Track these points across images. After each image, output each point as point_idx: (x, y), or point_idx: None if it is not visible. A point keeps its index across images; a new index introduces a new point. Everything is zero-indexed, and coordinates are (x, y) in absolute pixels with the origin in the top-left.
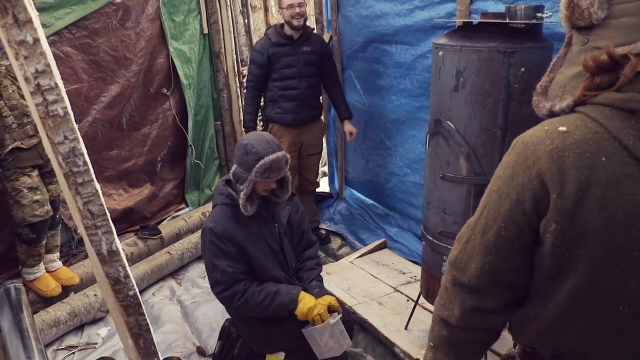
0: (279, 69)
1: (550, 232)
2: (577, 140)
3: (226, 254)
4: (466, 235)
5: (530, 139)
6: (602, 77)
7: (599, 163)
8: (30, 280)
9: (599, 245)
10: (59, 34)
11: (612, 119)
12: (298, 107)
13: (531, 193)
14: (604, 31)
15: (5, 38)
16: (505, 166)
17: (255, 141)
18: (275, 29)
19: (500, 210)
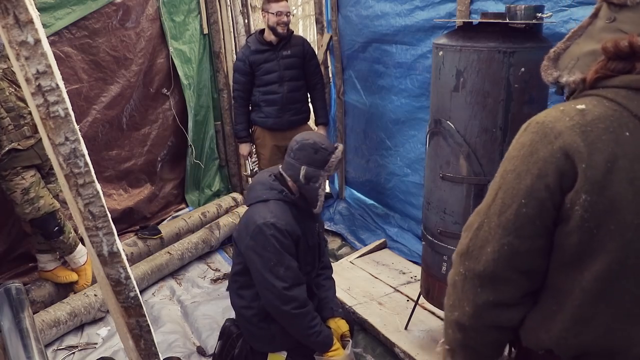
0: (261, 75)
1: (580, 205)
2: (597, 116)
3: (288, 249)
4: (477, 222)
5: (546, 118)
6: (617, 63)
7: (623, 138)
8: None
9: (629, 220)
10: (59, 34)
11: (629, 99)
12: (279, 111)
13: (554, 167)
14: (635, 15)
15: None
16: (520, 146)
17: (318, 139)
18: (255, 35)
19: (519, 188)
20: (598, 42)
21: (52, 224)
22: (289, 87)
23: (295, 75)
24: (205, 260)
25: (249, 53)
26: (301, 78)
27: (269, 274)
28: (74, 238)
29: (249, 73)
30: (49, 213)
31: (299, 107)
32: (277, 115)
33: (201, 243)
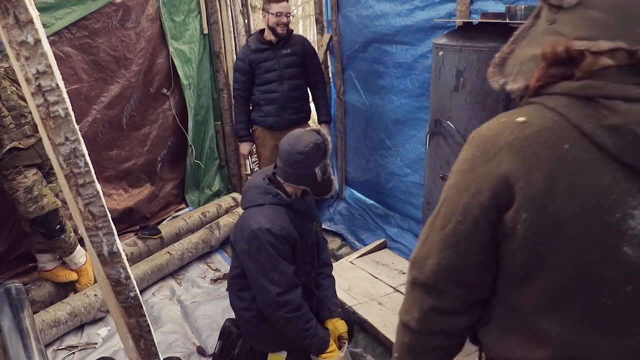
0: (261, 74)
1: (521, 223)
2: (537, 129)
3: (284, 254)
4: (425, 233)
5: (488, 131)
6: (558, 69)
7: (562, 151)
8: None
9: (574, 235)
10: (59, 34)
11: (570, 108)
12: (279, 110)
13: (489, 185)
14: (571, 17)
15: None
16: (462, 160)
17: (309, 138)
18: (255, 35)
19: (458, 204)
20: (540, 46)
21: (54, 222)
22: (289, 85)
23: (295, 73)
24: (205, 260)
25: (248, 52)
26: (301, 77)
27: (263, 279)
28: (74, 238)
29: (249, 72)
30: (52, 211)
31: (299, 106)
32: (277, 114)
33: (201, 243)
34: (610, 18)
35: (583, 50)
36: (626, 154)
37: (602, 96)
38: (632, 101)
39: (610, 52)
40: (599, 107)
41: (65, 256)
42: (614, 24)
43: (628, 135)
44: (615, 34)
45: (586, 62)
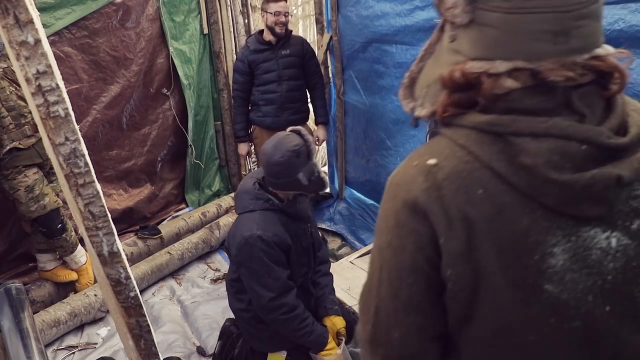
0: (260, 74)
1: (447, 278)
2: (449, 173)
3: (276, 260)
4: (373, 305)
5: (402, 178)
6: (460, 95)
7: (476, 197)
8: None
9: (497, 282)
10: (59, 34)
11: (480, 144)
12: (277, 110)
13: (427, 238)
14: (468, 36)
15: (6, 39)
16: (386, 216)
17: (285, 144)
18: (255, 36)
19: (401, 267)
20: (444, 66)
21: (56, 221)
22: (288, 86)
23: (294, 74)
24: (205, 260)
25: (248, 53)
26: (300, 77)
27: (257, 285)
28: (75, 237)
29: (248, 73)
30: (54, 210)
31: (297, 107)
32: (276, 114)
33: (201, 243)
34: (505, 36)
35: (480, 74)
36: (540, 195)
37: (511, 133)
38: (540, 137)
39: (514, 73)
40: (509, 143)
41: (66, 255)
42: (510, 41)
43: (539, 177)
44: (512, 52)
45: (485, 87)
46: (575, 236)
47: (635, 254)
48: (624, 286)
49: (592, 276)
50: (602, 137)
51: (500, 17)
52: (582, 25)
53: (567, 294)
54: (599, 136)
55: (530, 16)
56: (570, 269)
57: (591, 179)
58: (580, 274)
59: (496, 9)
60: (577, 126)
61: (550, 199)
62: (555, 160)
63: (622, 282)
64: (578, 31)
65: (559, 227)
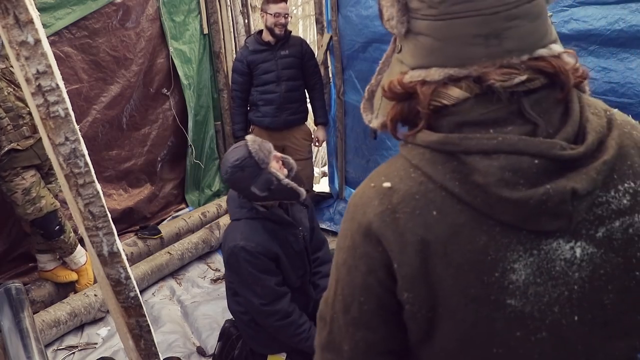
0: (259, 75)
1: (405, 300)
2: (403, 196)
3: (263, 270)
4: (329, 315)
5: (360, 199)
6: (403, 105)
7: (431, 218)
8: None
9: (456, 301)
10: (59, 34)
11: (433, 164)
12: (276, 111)
13: (379, 261)
14: (408, 45)
15: (6, 39)
16: (344, 235)
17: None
18: (254, 36)
19: (354, 285)
20: (395, 77)
21: (53, 223)
22: (287, 86)
23: (292, 75)
24: (205, 260)
25: (247, 53)
26: (299, 78)
27: (247, 292)
28: (74, 238)
29: (247, 73)
30: (50, 212)
31: (296, 107)
32: (274, 114)
33: (201, 243)
34: (437, 43)
35: (416, 84)
36: (496, 213)
37: (461, 152)
38: (491, 154)
39: (460, 82)
40: (461, 161)
41: (66, 256)
42: (442, 48)
43: (492, 196)
44: (446, 58)
45: (420, 97)
46: (537, 250)
47: (601, 261)
48: (592, 294)
49: (558, 287)
50: (554, 149)
51: (431, 24)
52: (515, 26)
53: (531, 307)
54: (551, 149)
55: (458, 21)
56: (534, 282)
57: (544, 195)
58: (545, 287)
59: (425, 17)
60: (527, 140)
61: (506, 216)
62: (507, 177)
63: (589, 290)
64: (510, 32)
65: (519, 242)
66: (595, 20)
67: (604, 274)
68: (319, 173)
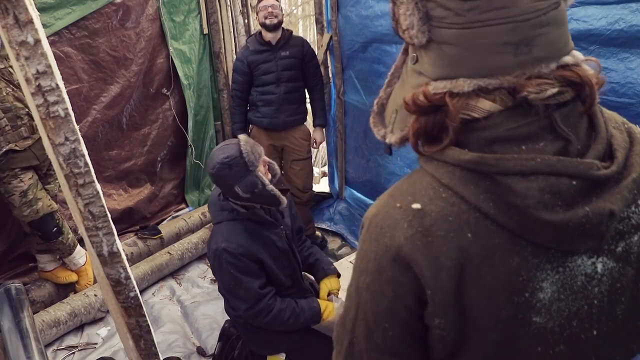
0: (259, 75)
1: (435, 325)
2: (436, 219)
3: (245, 272)
4: (347, 339)
5: (385, 221)
6: (427, 118)
7: (465, 241)
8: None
9: (486, 323)
10: (59, 34)
11: (465, 184)
12: (275, 111)
13: (409, 288)
14: (429, 55)
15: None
16: (366, 257)
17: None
18: (255, 36)
19: (379, 311)
20: (409, 90)
21: (50, 225)
22: (286, 88)
23: (292, 76)
24: (205, 260)
25: (247, 53)
26: (299, 79)
27: (231, 296)
28: (73, 239)
29: (247, 73)
30: (47, 214)
31: (295, 108)
32: (273, 115)
33: (201, 243)
34: (464, 52)
35: (443, 95)
36: (531, 234)
37: (497, 173)
38: (528, 175)
39: (491, 95)
40: (495, 182)
41: (65, 257)
42: (470, 57)
43: (530, 218)
44: (474, 68)
45: (451, 109)
46: (562, 267)
47: (619, 275)
48: (609, 307)
49: (577, 301)
50: (592, 170)
51: (457, 32)
52: (544, 33)
53: (553, 322)
54: (589, 170)
55: (488, 29)
56: (558, 299)
57: (584, 217)
58: (566, 302)
59: (451, 25)
60: (566, 161)
61: (541, 237)
62: (546, 199)
63: (607, 304)
64: (540, 39)
65: (547, 261)
66: (596, 20)
67: (620, 287)
68: (319, 173)
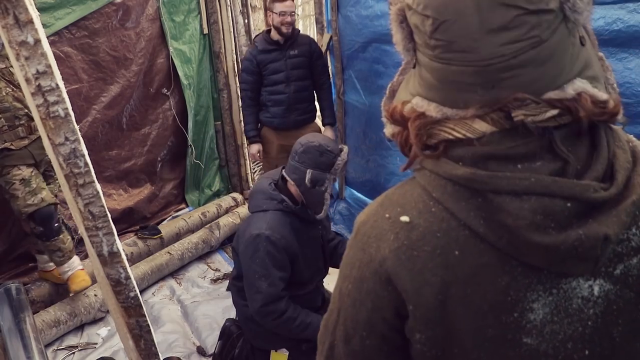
0: (268, 74)
1: (416, 340)
2: (423, 234)
3: (279, 264)
4: (328, 340)
5: (372, 230)
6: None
7: (452, 258)
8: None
9: (472, 342)
10: (59, 34)
11: (456, 200)
12: (285, 111)
13: (387, 301)
14: (417, 70)
15: (6, 39)
16: (351, 264)
17: (323, 141)
18: (262, 35)
19: (357, 319)
20: (409, 89)
21: (54, 218)
22: (296, 87)
23: (302, 75)
24: (205, 260)
25: (256, 52)
26: (307, 78)
27: (249, 287)
28: (70, 243)
29: (257, 72)
30: (52, 204)
31: (305, 107)
32: (284, 115)
33: (201, 243)
34: (435, 81)
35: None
36: (521, 255)
37: (489, 191)
38: (521, 195)
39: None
40: (487, 200)
41: (59, 265)
42: (440, 87)
43: (520, 238)
44: (443, 98)
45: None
46: (556, 289)
47: (616, 297)
48: (604, 328)
49: (573, 324)
50: (588, 192)
51: (429, 63)
52: (515, 75)
53: (546, 345)
54: (586, 192)
55: (453, 68)
56: (551, 320)
57: (577, 241)
58: (560, 325)
59: (425, 53)
60: (561, 182)
61: (532, 258)
62: (538, 220)
63: (601, 325)
64: (509, 81)
65: (539, 282)
66: (594, 20)
67: (616, 309)
68: None
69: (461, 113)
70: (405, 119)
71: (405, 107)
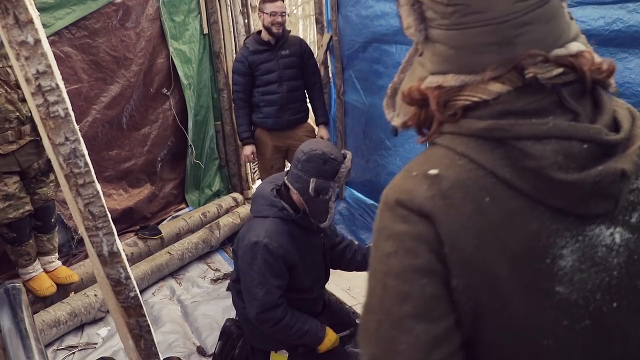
0: (260, 75)
1: (453, 289)
2: (453, 183)
3: (276, 273)
4: (374, 321)
5: (402, 187)
6: (421, 110)
7: (484, 205)
8: (26, 280)
9: (509, 290)
10: (59, 34)
11: (481, 151)
12: (279, 111)
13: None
14: (428, 51)
15: (6, 39)
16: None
17: (326, 148)
18: (253, 36)
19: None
20: (415, 79)
21: (53, 212)
22: (288, 86)
23: (294, 74)
24: (205, 260)
25: (247, 54)
26: (299, 77)
27: (247, 293)
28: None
29: (249, 74)
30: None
31: (297, 107)
32: (277, 115)
33: (201, 243)
34: (452, 50)
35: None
36: (547, 197)
37: (511, 138)
38: (542, 139)
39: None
40: (510, 147)
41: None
42: (457, 55)
43: (545, 179)
44: (461, 65)
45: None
46: (582, 235)
47: (635, 247)
48: (628, 280)
49: (600, 273)
50: (601, 134)
51: (445, 33)
52: (526, 32)
53: (577, 294)
54: (599, 134)
55: (470, 31)
56: (579, 269)
57: (599, 176)
58: (588, 273)
59: (440, 26)
60: (577, 126)
61: (558, 200)
62: (560, 161)
63: (626, 276)
64: (522, 37)
65: (566, 228)
66: (593, 20)
67: (638, 259)
68: None
69: (478, 77)
70: (423, 93)
71: (421, 84)
